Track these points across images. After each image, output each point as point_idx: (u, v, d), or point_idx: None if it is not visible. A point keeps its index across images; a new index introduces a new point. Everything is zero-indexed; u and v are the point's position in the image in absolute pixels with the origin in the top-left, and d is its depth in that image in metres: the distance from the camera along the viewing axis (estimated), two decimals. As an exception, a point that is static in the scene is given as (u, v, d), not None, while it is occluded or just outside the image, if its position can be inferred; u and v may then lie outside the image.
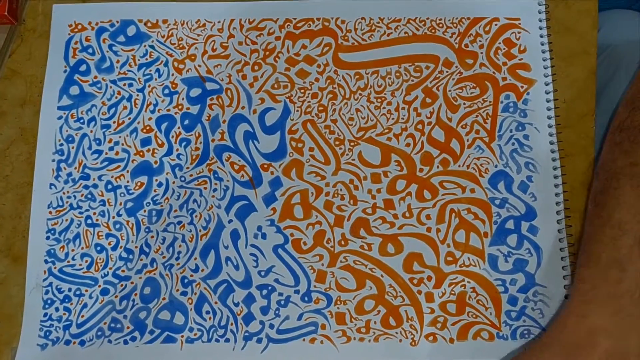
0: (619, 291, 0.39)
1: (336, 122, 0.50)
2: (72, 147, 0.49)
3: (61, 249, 0.48)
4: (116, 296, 0.47)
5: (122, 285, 0.47)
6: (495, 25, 0.51)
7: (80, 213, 0.48)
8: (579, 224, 0.47)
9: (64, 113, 0.50)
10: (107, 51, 0.51)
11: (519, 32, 0.51)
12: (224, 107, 0.50)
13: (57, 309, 0.47)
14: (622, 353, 0.39)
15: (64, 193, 0.49)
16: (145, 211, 0.48)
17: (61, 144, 0.50)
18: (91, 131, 0.50)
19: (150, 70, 0.51)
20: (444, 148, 0.49)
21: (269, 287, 0.47)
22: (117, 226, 0.48)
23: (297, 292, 0.47)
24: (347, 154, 0.49)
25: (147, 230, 0.48)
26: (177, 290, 0.47)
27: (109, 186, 0.49)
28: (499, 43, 0.50)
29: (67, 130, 0.50)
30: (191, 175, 0.49)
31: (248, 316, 0.46)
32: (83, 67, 0.51)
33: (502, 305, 0.46)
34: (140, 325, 0.46)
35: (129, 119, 0.50)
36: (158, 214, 0.48)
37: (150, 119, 0.50)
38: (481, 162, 0.48)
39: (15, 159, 0.50)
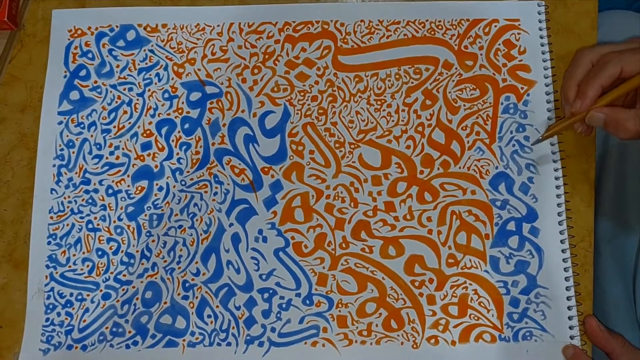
0: None
1: (336, 125, 0.50)
2: (73, 152, 0.50)
3: (62, 254, 0.48)
4: (118, 300, 0.47)
5: (123, 289, 0.47)
6: (495, 26, 0.51)
7: (81, 218, 0.48)
8: (581, 225, 0.47)
9: (65, 118, 0.50)
10: (107, 56, 0.51)
11: (518, 34, 0.51)
12: (224, 110, 0.50)
13: (59, 314, 0.47)
14: None
15: (64, 198, 0.49)
16: (146, 215, 0.48)
17: (62, 149, 0.50)
18: (92, 136, 0.50)
19: (150, 75, 0.51)
20: (445, 150, 0.49)
21: (270, 291, 0.47)
22: (118, 230, 0.48)
23: (298, 295, 0.47)
24: (348, 157, 0.49)
25: (148, 234, 0.48)
26: (179, 294, 0.47)
27: (110, 191, 0.49)
28: (499, 44, 0.50)
29: (67, 135, 0.50)
30: (192, 179, 0.49)
31: (249, 320, 0.46)
32: (83, 72, 0.51)
33: (504, 307, 0.46)
34: (142, 330, 0.46)
35: (129, 123, 0.50)
36: (159, 218, 0.48)
37: (150, 123, 0.50)
38: (482, 163, 0.48)
39: (16, 164, 0.50)
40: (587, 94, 0.42)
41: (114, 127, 0.50)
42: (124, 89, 0.51)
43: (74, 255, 0.48)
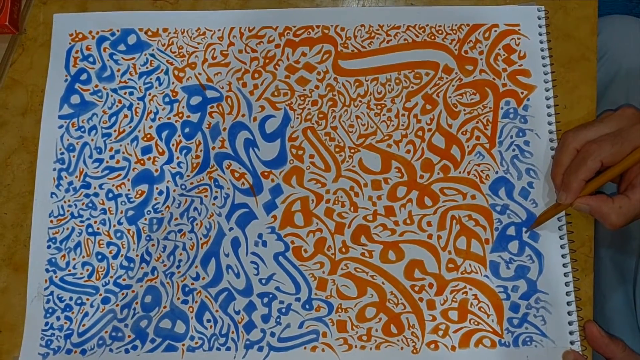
0: None
1: (336, 129, 0.50)
2: (73, 156, 0.50)
3: (62, 258, 0.48)
4: (117, 305, 0.47)
5: (123, 293, 0.47)
6: (495, 31, 0.51)
7: (81, 222, 0.48)
8: (581, 230, 0.47)
9: (65, 122, 0.50)
10: (108, 60, 0.51)
11: (518, 38, 0.51)
12: (225, 115, 0.50)
13: (58, 318, 0.47)
14: None
15: (65, 202, 0.49)
16: (146, 219, 0.48)
17: (62, 153, 0.50)
18: (92, 140, 0.50)
19: (151, 79, 0.51)
20: (445, 155, 0.49)
21: (270, 295, 0.47)
22: (118, 235, 0.48)
23: (298, 299, 0.46)
24: (348, 161, 0.49)
25: (147, 238, 0.48)
26: (178, 298, 0.47)
27: (110, 195, 0.49)
28: (499, 49, 0.50)
29: (68, 139, 0.50)
30: (192, 183, 0.49)
31: (249, 324, 0.46)
32: (84, 76, 0.51)
33: (504, 312, 0.46)
34: (142, 334, 0.46)
35: (130, 127, 0.50)
36: (159, 222, 0.48)
37: (150, 127, 0.50)
38: (482, 168, 0.48)
39: (16, 168, 0.50)
40: (571, 187, 0.43)
41: (115, 131, 0.50)
42: (125, 93, 0.51)
43: (74, 259, 0.48)
